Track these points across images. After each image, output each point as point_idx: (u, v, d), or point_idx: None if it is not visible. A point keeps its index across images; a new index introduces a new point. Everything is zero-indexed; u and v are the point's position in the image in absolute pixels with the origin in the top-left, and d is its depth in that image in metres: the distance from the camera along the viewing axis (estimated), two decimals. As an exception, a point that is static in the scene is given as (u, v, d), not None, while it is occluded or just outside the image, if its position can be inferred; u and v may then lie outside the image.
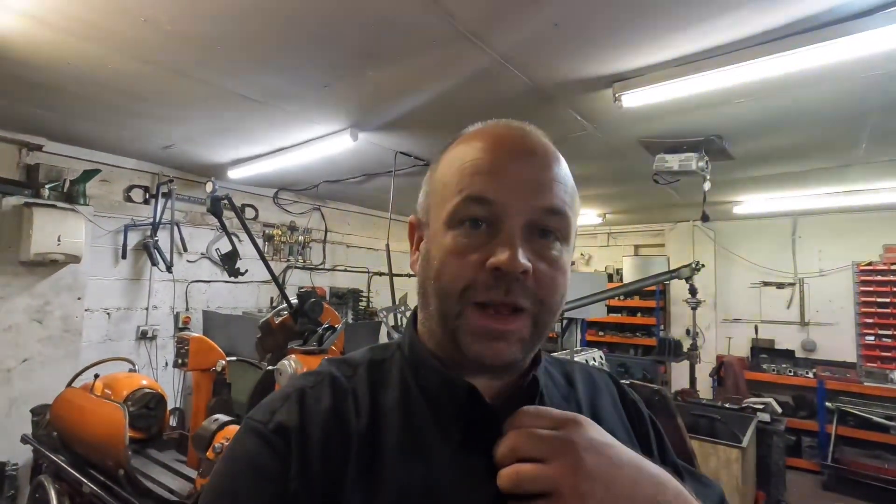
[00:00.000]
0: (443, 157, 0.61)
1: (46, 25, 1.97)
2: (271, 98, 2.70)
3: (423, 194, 0.62)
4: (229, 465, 0.54)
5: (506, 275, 0.50)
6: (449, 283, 0.52)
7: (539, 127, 0.60)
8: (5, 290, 3.19)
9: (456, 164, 0.56)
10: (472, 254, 0.52)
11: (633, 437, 0.67)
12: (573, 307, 3.96)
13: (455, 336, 0.53)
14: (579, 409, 0.64)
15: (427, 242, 0.58)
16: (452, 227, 0.54)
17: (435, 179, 0.59)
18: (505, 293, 0.50)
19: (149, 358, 4.24)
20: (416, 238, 0.62)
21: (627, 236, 7.09)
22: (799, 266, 5.64)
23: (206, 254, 4.71)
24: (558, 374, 0.68)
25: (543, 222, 0.53)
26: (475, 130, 0.60)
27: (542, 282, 0.52)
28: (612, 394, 0.71)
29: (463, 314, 0.52)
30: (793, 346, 5.54)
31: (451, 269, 0.52)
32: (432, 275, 0.55)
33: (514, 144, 0.56)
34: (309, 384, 0.57)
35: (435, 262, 0.54)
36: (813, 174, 3.93)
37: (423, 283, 0.57)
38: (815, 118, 2.74)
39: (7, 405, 3.16)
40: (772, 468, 3.81)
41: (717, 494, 0.69)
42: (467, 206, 0.53)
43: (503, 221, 0.52)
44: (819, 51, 1.87)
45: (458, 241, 0.53)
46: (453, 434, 0.54)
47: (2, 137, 3.41)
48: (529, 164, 0.54)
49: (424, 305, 0.58)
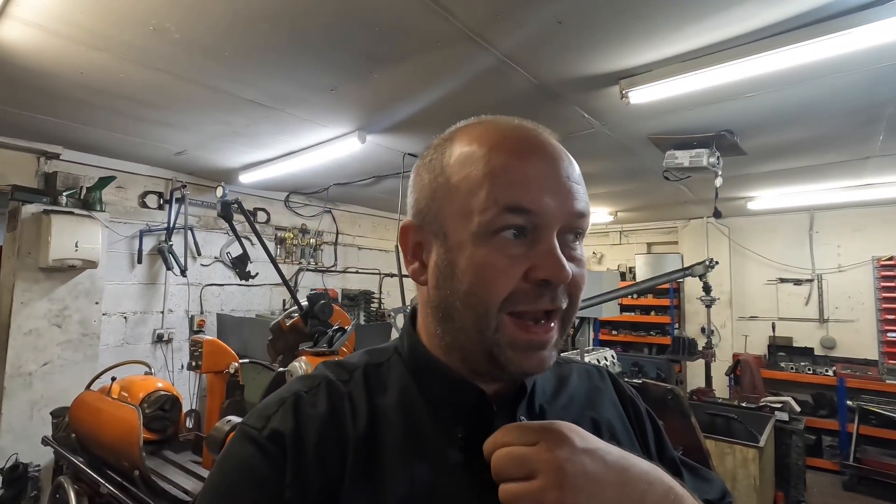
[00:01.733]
0: (446, 157, 0.56)
1: (58, 36, 2.02)
2: (279, 103, 2.73)
3: (427, 198, 0.57)
4: (223, 473, 0.53)
5: (553, 285, 0.50)
6: (489, 298, 0.50)
7: (546, 125, 0.59)
8: (26, 296, 3.27)
9: (479, 170, 0.52)
10: (512, 265, 0.50)
11: (631, 433, 0.67)
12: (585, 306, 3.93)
13: (493, 352, 0.51)
14: (574, 408, 0.64)
15: (448, 253, 0.54)
16: (486, 238, 0.51)
17: (448, 183, 0.54)
18: (551, 301, 0.51)
19: (165, 361, 4.31)
20: (414, 244, 0.58)
21: (640, 234, 7.02)
22: (817, 262, 5.52)
23: (219, 257, 4.78)
24: (552, 376, 0.68)
25: (575, 225, 0.53)
26: (483, 129, 0.56)
27: (574, 283, 0.53)
28: (609, 391, 0.71)
29: (500, 327, 0.51)
30: (811, 343, 5.43)
31: (493, 283, 0.50)
32: (464, 289, 0.52)
33: (542, 149, 0.54)
34: (304, 389, 0.57)
35: (466, 276, 0.51)
36: (829, 168, 3.85)
37: (448, 299, 0.54)
38: (828, 111, 2.69)
39: (29, 408, 3.24)
40: (791, 468, 3.74)
41: (718, 489, 0.69)
42: (504, 217, 0.50)
43: (541, 230, 0.51)
44: (829, 42, 1.83)
45: (496, 254, 0.50)
46: (456, 438, 0.54)
47: (21, 147, 3.50)
48: (558, 169, 0.53)
49: (447, 320, 0.55)
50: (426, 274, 0.57)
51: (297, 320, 2.68)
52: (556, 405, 0.63)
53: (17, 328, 3.22)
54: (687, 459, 0.72)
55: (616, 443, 0.54)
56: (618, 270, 6.52)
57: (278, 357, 2.67)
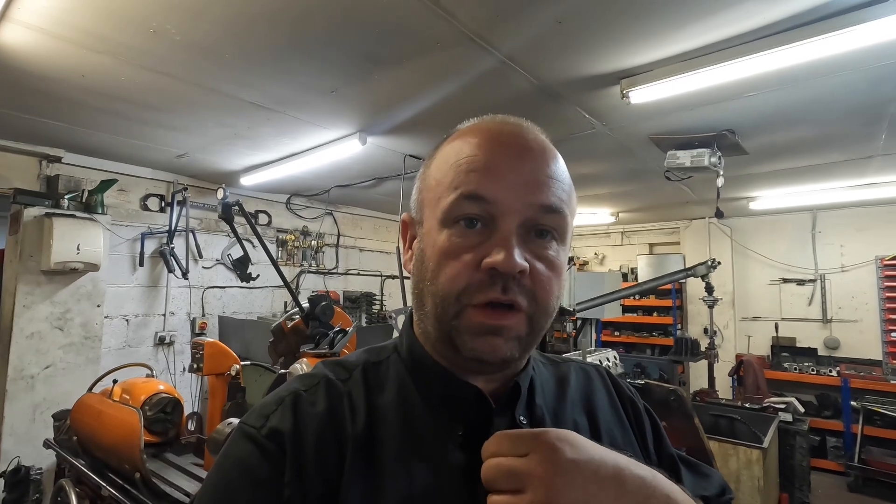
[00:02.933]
0: (436, 154, 0.59)
1: (59, 39, 2.02)
2: (280, 105, 2.73)
3: (416, 191, 0.61)
4: (222, 472, 0.53)
5: (502, 275, 0.49)
6: (445, 285, 0.51)
7: (547, 125, 0.60)
8: (28, 299, 3.27)
9: (450, 161, 0.55)
10: (467, 253, 0.51)
11: (629, 432, 0.67)
12: (587, 307, 3.92)
13: (451, 336, 0.52)
14: (572, 408, 0.64)
15: (421, 241, 0.57)
16: (447, 225, 0.52)
17: (428, 176, 0.58)
18: (502, 291, 0.50)
19: (167, 363, 4.31)
20: (410, 236, 0.61)
21: (641, 235, 7.00)
22: (820, 262, 5.50)
23: (220, 260, 4.78)
24: (550, 375, 0.67)
25: (540, 221, 0.52)
26: (470, 126, 0.59)
27: (538, 281, 0.51)
28: (608, 391, 0.71)
29: (461, 315, 0.51)
30: (815, 343, 5.40)
31: (448, 270, 0.51)
32: (428, 276, 0.53)
33: (511, 141, 0.54)
34: (303, 388, 0.57)
35: (430, 262, 0.53)
36: (832, 167, 3.84)
37: (419, 284, 0.56)
38: (830, 110, 2.68)
39: (31, 411, 3.24)
40: (795, 469, 3.72)
41: (717, 484, 0.69)
42: (462, 204, 0.51)
43: (499, 220, 0.51)
44: (830, 41, 1.82)
45: (453, 240, 0.52)
46: (454, 436, 0.54)
47: (23, 150, 3.51)
48: (526, 161, 0.53)
49: (420, 306, 0.56)
50: (412, 263, 0.59)
51: (298, 322, 2.67)
52: (556, 405, 0.63)
53: (20, 331, 3.22)
54: (686, 456, 0.72)
55: (613, 445, 0.53)
56: (619, 271, 6.51)
57: (280, 359, 2.66)
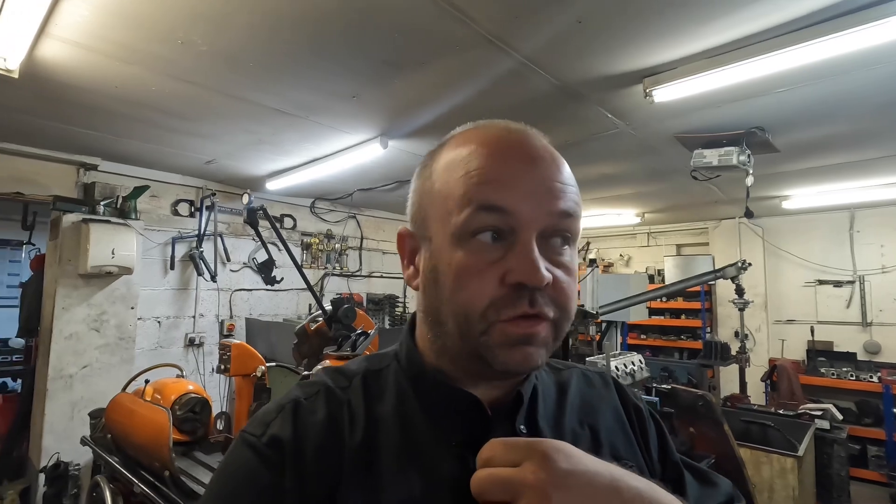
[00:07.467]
0: (436, 163, 0.57)
1: (93, 52, 2.11)
2: (303, 111, 2.79)
3: (416, 204, 0.58)
4: (223, 480, 0.53)
5: (529, 288, 0.49)
6: (469, 305, 0.50)
7: (568, 126, 0.59)
8: (66, 301, 3.41)
9: (458, 173, 0.52)
10: (488, 270, 0.49)
11: (632, 439, 0.65)
12: (612, 310, 3.85)
13: (479, 352, 0.51)
14: (573, 416, 0.63)
15: (432, 259, 0.54)
16: (463, 240, 0.50)
17: (432, 188, 0.55)
18: (530, 304, 0.49)
19: (196, 364, 4.44)
20: (409, 251, 0.59)
21: (668, 235, 6.85)
22: (858, 262, 5.27)
23: (247, 263, 4.89)
24: (552, 383, 0.66)
25: (558, 227, 0.52)
26: (471, 133, 0.57)
27: (560, 289, 0.51)
28: (612, 398, 0.69)
29: (489, 331, 0.50)
30: (854, 348, 5.17)
31: (471, 287, 0.49)
32: (446, 294, 0.51)
33: (521, 149, 0.53)
34: (304, 395, 0.57)
35: (447, 280, 0.51)
36: (869, 164, 3.68)
37: (434, 304, 0.54)
38: (865, 105, 2.57)
39: (70, 409, 3.37)
40: (833, 479, 3.57)
41: (724, 493, 0.66)
42: (478, 217, 0.50)
43: (518, 232, 0.50)
44: (864, 33, 1.75)
45: (472, 257, 0.50)
46: (453, 445, 0.54)
47: (62, 159, 3.67)
48: (539, 169, 0.52)
49: (437, 325, 0.55)
50: (418, 279, 0.57)
51: (321, 324, 2.71)
52: (556, 414, 0.62)
53: (59, 332, 3.36)
54: (692, 462, 0.70)
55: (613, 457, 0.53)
56: (646, 273, 6.38)
57: (303, 360, 2.70)
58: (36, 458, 3.31)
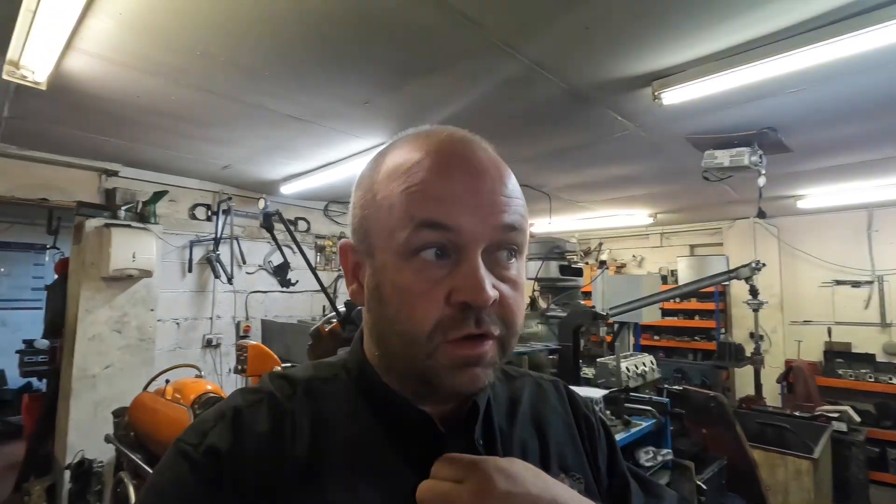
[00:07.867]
0: (377, 174, 0.54)
1: (117, 64, 2.19)
2: (316, 117, 2.85)
3: (357, 217, 0.54)
4: (155, 492, 0.50)
5: (474, 308, 0.47)
6: (414, 325, 0.48)
7: (578, 129, 0.58)
8: (90, 304, 3.52)
9: (400, 187, 0.49)
10: (433, 289, 0.47)
11: (580, 450, 0.65)
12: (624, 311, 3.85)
13: (425, 374, 0.49)
14: (524, 426, 0.63)
15: (375, 276, 0.51)
16: (405, 258, 0.48)
17: (374, 200, 0.52)
18: (476, 325, 0.47)
19: (213, 364, 4.53)
20: (352, 265, 0.56)
21: (681, 236, 6.80)
22: (877, 262, 5.18)
23: (263, 266, 4.99)
24: (504, 391, 0.66)
25: (504, 241, 0.50)
26: (413, 142, 0.54)
27: (506, 306, 0.50)
28: (563, 407, 0.69)
29: (435, 353, 0.48)
30: (873, 349, 5.08)
31: (416, 308, 0.48)
32: (390, 315, 0.50)
33: (465, 162, 0.50)
34: (245, 404, 0.53)
35: (392, 300, 0.49)
36: (887, 162, 3.63)
37: (379, 324, 0.52)
38: (880, 104, 2.54)
39: (93, 408, 3.47)
40: (851, 482, 3.52)
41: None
42: (421, 234, 0.47)
43: (462, 248, 0.48)
44: (877, 33, 1.74)
45: (416, 276, 0.48)
46: (403, 459, 0.52)
47: (85, 166, 3.79)
48: (484, 182, 0.50)
49: (381, 343, 0.53)
50: (363, 295, 0.55)
51: (335, 326, 2.77)
52: (507, 425, 0.61)
53: (83, 333, 3.47)
54: (640, 472, 0.70)
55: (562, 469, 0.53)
56: (658, 274, 6.33)
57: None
58: (61, 456, 3.42)
